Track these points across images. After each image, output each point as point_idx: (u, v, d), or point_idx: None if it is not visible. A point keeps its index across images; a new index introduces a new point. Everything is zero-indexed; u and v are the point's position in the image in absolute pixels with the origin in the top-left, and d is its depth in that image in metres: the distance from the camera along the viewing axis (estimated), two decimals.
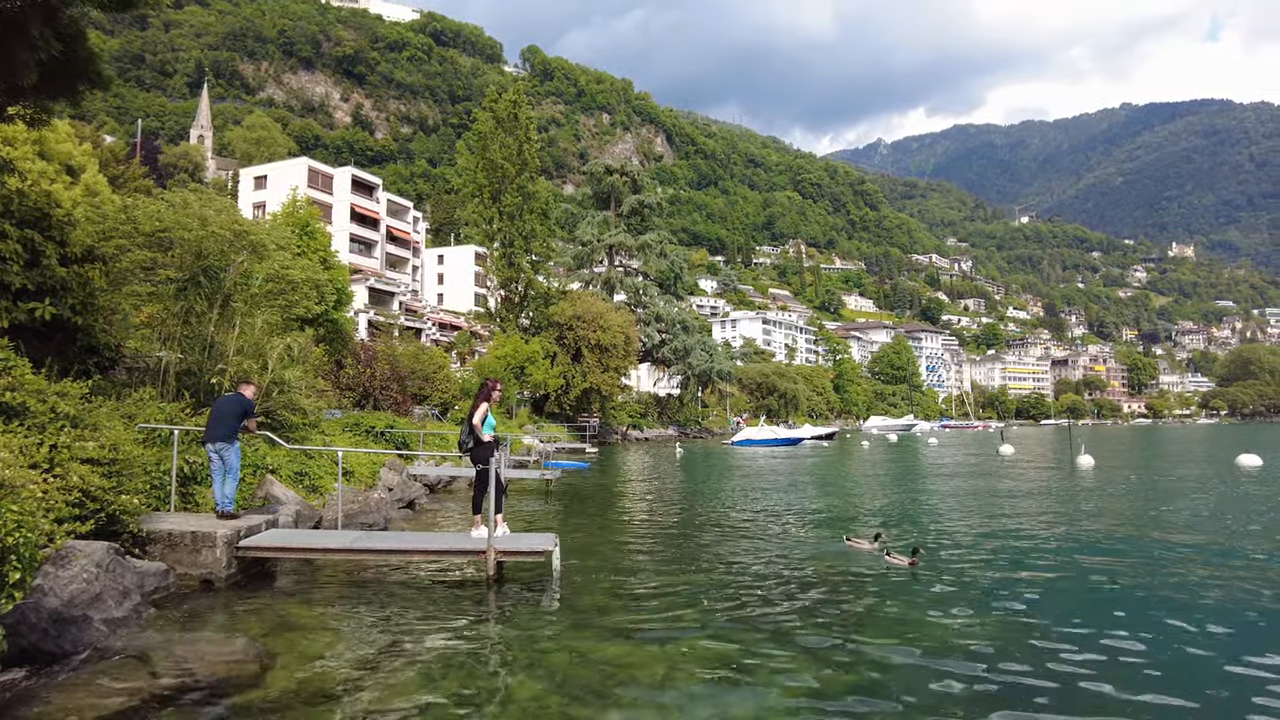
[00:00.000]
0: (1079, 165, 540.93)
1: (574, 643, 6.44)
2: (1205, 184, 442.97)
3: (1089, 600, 8.11)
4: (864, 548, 10.73)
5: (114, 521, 7.62)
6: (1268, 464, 27.55)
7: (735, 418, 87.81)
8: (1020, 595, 8.19)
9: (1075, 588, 8.67)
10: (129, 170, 42.72)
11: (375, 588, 8.52)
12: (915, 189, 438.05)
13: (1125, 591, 8.38)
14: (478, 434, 9.41)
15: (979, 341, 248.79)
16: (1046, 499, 18.26)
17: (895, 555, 9.86)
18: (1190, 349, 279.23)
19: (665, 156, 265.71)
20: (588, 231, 60.98)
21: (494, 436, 9.60)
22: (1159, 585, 8.65)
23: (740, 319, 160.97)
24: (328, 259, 26.50)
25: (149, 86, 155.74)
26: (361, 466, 15.51)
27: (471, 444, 9.46)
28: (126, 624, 6.49)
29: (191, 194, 13.89)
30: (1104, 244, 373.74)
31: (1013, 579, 9.03)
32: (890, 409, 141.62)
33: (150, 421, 10.44)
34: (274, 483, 11.47)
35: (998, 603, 7.88)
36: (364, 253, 72.09)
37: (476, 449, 9.41)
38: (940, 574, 9.29)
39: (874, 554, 10.33)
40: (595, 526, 13.74)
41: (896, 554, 9.90)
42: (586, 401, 50.67)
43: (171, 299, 12.86)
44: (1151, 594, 8.24)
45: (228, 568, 8.19)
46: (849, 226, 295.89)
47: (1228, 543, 11.51)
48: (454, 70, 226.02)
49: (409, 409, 28.09)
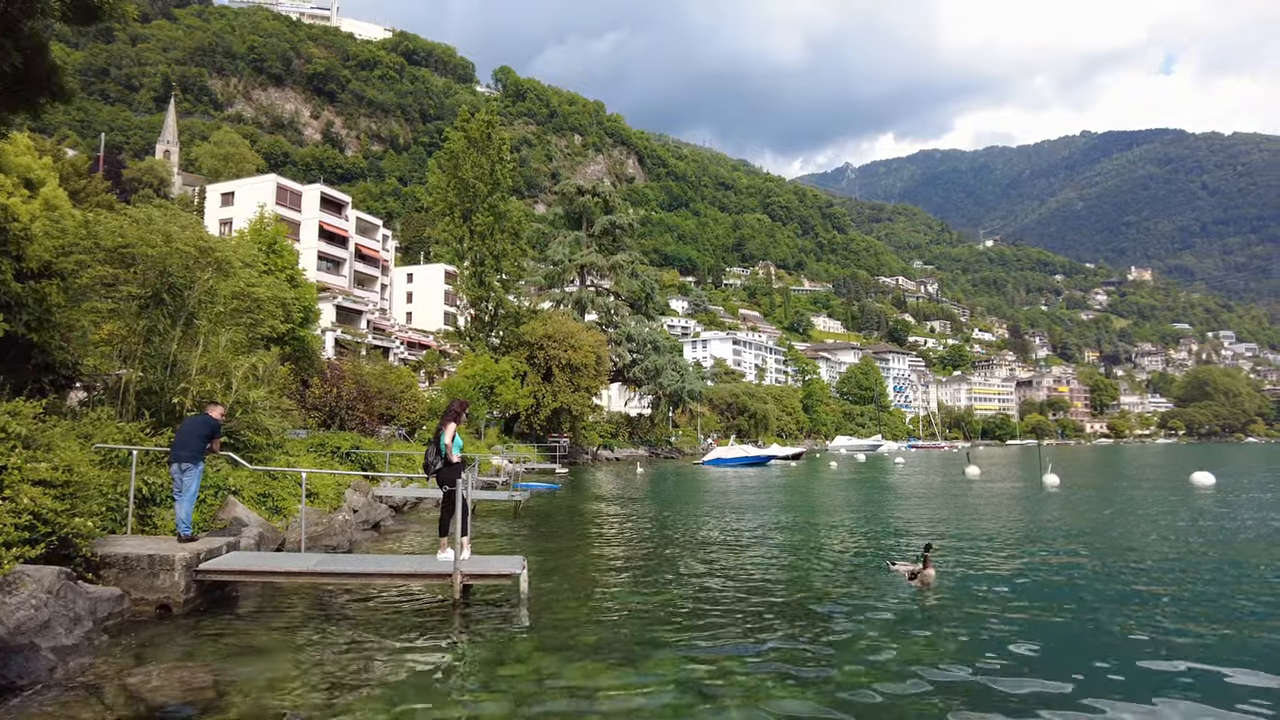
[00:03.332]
0: (1042, 190, 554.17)
1: (541, 666, 6.36)
2: (1161, 210, 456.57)
3: (1060, 611, 8.20)
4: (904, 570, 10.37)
5: (66, 545, 7.37)
6: (1220, 483, 28.51)
7: (706, 437, 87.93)
8: (999, 616, 8.26)
9: (1045, 598, 8.78)
10: (91, 184, 41.94)
11: (339, 612, 8.36)
12: (882, 212, 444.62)
13: (1096, 615, 8.50)
14: (448, 454, 9.22)
15: (945, 363, 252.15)
16: (1014, 519, 18.48)
17: (902, 564, 10.14)
18: (1149, 370, 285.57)
19: (637, 178, 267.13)
20: (559, 251, 60.98)
21: (461, 457, 9.47)
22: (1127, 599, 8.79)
23: (711, 339, 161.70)
24: (295, 277, 26.19)
25: (114, 100, 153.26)
26: (326, 488, 15.25)
27: (440, 464, 9.28)
28: (77, 652, 6.28)
29: (156, 209, 13.64)
30: (1066, 267, 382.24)
31: (987, 598, 9.11)
32: (858, 429, 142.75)
33: (108, 442, 10.18)
34: (236, 504, 11.23)
35: (971, 622, 7.93)
36: (332, 270, 71.36)
37: (444, 470, 9.22)
38: (916, 595, 9.34)
39: (898, 574, 10.28)
40: (565, 548, 13.63)
41: (904, 563, 10.20)
42: (557, 421, 50.41)
43: (133, 316, 12.59)
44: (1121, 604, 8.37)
45: (186, 592, 7.98)
46: (817, 249, 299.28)
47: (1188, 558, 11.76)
48: (425, 89, 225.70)
49: (375, 429, 27.73)
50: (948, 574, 10.50)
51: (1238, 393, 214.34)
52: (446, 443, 9.22)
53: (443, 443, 9.22)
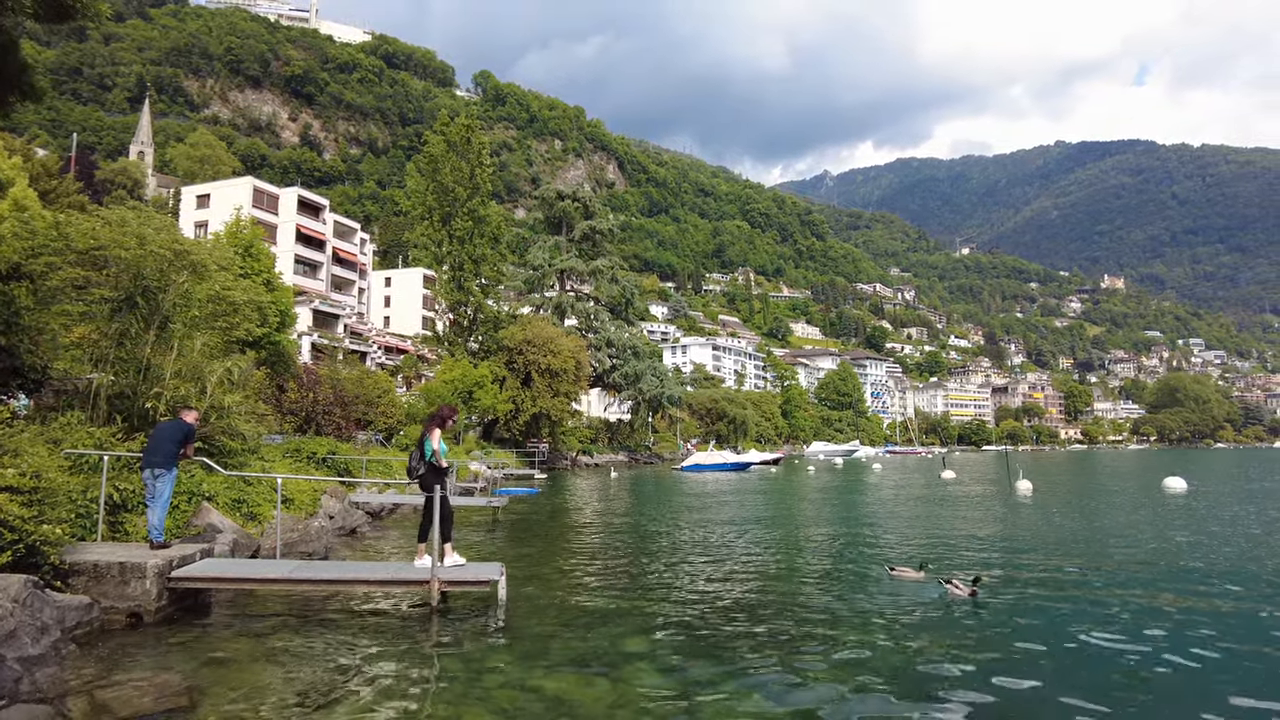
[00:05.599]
0: (1017, 199, 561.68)
1: (519, 675, 6.31)
2: (1133, 219, 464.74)
3: (1034, 616, 8.28)
4: (910, 577, 10.57)
5: (34, 553, 7.21)
6: (1192, 489, 28.96)
7: (685, 443, 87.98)
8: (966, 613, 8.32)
9: (1019, 604, 8.86)
10: (62, 185, 41.33)
11: (315, 619, 8.25)
12: (860, 220, 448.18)
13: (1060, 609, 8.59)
14: (437, 460, 9.04)
15: (922, 369, 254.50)
16: (986, 524, 18.66)
17: (957, 584, 9.55)
18: (1122, 377, 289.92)
19: (617, 183, 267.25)
20: (539, 256, 60.87)
21: (447, 463, 9.35)
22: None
23: (690, 345, 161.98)
24: (271, 280, 25.93)
25: (86, 100, 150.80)
26: (302, 493, 15.07)
27: (422, 470, 9.13)
28: (44, 663, 6.14)
29: (129, 211, 13.41)
30: (1041, 275, 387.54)
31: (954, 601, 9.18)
32: (837, 434, 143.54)
33: (78, 447, 9.99)
34: (210, 511, 11.07)
35: (940, 622, 7.98)
36: (309, 274, 70.71)
37: (427, 475, 9.05)
38: (895, 596, 9.38)
39: (925, 583, 10.26)
40: (543, 554, 13.56)
41: (959, 583, 9.58)
42: (536, 426, 50.23)
43: (105, 319, 12.36)
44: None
45: (158, 600, 7.82)
46: (796, 255, 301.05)
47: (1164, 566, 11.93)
48: (405, 93, 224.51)
49: (352, 434, 27.46)
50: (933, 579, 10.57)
51: (1207, 399, 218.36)
52: (434, 448, 9.05)
53: (429, 447, 9.05)
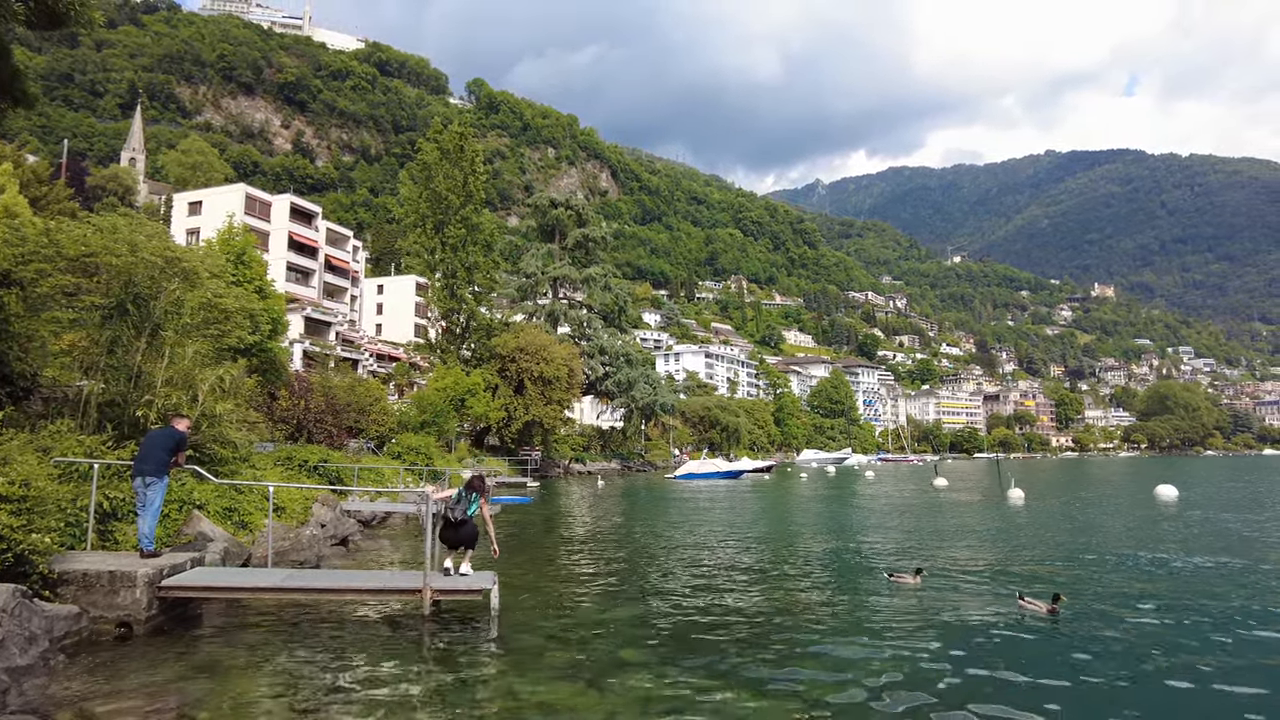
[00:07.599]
0: (1008, 208, 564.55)
1: (511, 684, 6.29)
2: (1123, 228, 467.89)
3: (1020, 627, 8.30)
4: (908, 582, 10.73)
5: (22, 562, 7.15)
6: (1184, 496, 29.13)
7: (678, 451, 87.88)
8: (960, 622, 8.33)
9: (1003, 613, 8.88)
10: (53, 191, 41.15)
11: (306, 629, 8.21)
12: (852, 228, 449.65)
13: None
14: (465, 518, 8.86)
15: (914, 377, 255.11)
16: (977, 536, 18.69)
17: (1031, 601, 9.16)
18: (1112, 385, 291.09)
19: (610, 191, 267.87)
20: (532, 264, 60.87)
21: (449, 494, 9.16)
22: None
23: (683, 352, 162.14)
24: (263, 288, 25.81)
25: (78, 106, 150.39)
26: (293, 502, 15.00)
27: (467, 525, 8.90)
28: (32, 673, 6.09)
29: (120, 218, 13.36)
30: (1032, 284, 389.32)
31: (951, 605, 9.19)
32: (829, 442, 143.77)
33: (68, 455, 9.92)
34: (201, 519, 11.01)
35: (938, 632, 7.99)
36: (301, 281, 70.45)
37: (446, 529, 8.89)
38: (891, 601, 9.39)
39: (922, 589, 10.33)
40: (536, 562, 13.53)
41: (1032, 600, 9.20)
42: (528, 434, 50.12)
43: (96, 326, 12.29)
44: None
45: (148, 609, 7.76)
46: (788, 264, 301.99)
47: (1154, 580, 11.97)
48: (398, 100, 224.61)
49: (344, 442, 27.37)
50: (933, 586, 10.59)
51: (1197, 407, 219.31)
52: (475, 514, 8.94)
53: (471, 512, 8.90)
